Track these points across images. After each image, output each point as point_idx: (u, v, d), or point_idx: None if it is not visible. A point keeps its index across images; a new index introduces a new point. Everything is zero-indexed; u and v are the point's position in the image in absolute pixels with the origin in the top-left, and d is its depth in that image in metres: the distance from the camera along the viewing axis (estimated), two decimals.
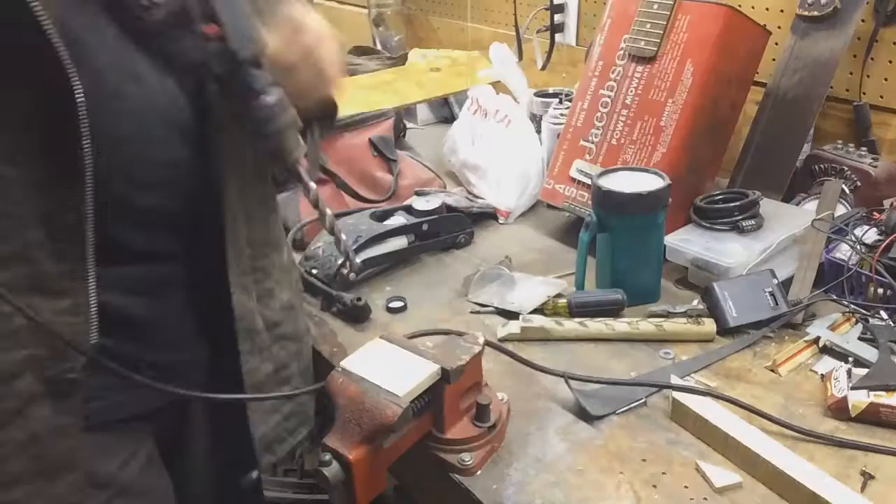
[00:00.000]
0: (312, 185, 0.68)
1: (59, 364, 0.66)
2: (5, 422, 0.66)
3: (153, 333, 0.74)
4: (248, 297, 0.80)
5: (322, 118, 0.76)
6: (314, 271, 1.09)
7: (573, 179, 1.23)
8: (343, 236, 0.70)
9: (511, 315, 1.03)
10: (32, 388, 0.66)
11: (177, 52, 0.55)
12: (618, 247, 1.03)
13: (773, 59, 1.28)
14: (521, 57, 1.73)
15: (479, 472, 0.76)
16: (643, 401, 0.85)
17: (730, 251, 1.05)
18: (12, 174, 0.61)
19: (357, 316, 1.03)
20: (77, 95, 0.58)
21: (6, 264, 0.63)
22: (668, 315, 0.99)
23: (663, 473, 0.75)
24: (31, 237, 0.63)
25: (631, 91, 1.19)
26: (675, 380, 0.86)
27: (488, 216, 1.33)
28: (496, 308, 1.05)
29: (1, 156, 0.60)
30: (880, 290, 0.97)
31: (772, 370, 0.90)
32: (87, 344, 0.66)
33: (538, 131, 1.42)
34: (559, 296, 1.05)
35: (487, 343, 0.78)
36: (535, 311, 1.02)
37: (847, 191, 1.17)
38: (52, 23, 0.55)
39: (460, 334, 0.79)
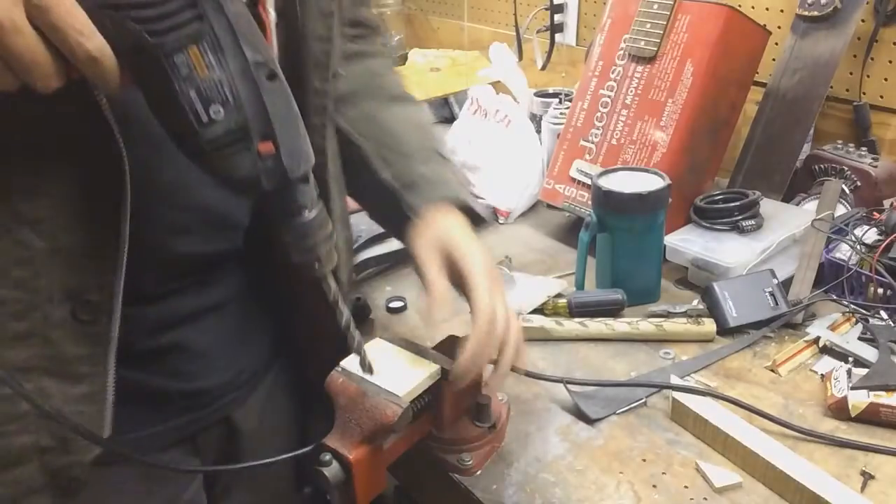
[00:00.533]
0: (345, 310, 0.67)
1: (67, 457, 0.60)
2: None
3: (182, 363, 0.70)
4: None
5: None
6: None
7: (573, 179, 1.23)
8: (369, 358, 0.70)
9: (517, 315, 1.02)
10: (34, 479, 0.60)
11: (228, 166, 0.53)
12: (618, 247, 1.03)
13: (773, 59, 1.28)
14: (521, 57, 1.74)
15: (479, 472, 0.76)
16: (643, 401, 0.85)
17: (730, 251, 1.05)
18: (39, 245, 0.55)
19: (357, 315, 1.03)
20: (125, 167, 0.55)
21: (22, 342, 0.57)
22: (668, 315, 0.99)
23: (663, 473, 0.75)
24: (51, 315, 0.57)
25: (631, 91, 1.19)
26: (674, 380, 0.86)
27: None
28: None
29: (30, 223, 0.55)
30: (880, 290, 0.97)
31: (772, 370, 0.90)
32: (98, 436, 0.60)
33: (538, 131, 1.42)
34: (559, 296, 1.05)
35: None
36: (535, 311, 1.02)
37: (847, 191, 1.17)
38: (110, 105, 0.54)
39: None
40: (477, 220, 0.81)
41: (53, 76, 0.46)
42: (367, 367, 0.69)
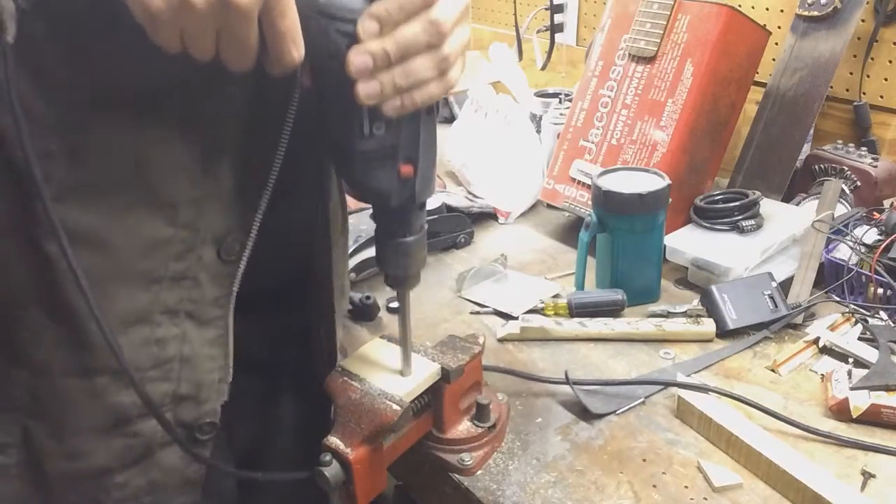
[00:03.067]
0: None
1: (198, 408, 0.64)
2: (131, 462, 0.62)
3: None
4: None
5: None
6: None
7: (573, 179, 1.23)
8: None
9: (507, 315, 1.03)
10: (168, 429, 0.61)
11: (369, 176, 0.57)
12: (618, 247, 1.03)
13: (773, 59, 1.28)
14: (521, 57, 1.74)
15: (479, 472, 0.76)
16: (642, 400, 0.85)
17: (730, 251, 1.05)
18: (207, 185, 0.58)
19: (366, 314, 1.04)
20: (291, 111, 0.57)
21: (177, 284, 0.59)
22: (667, 315, 0.99)
23: (663, 473, 0.75)
24: (204, 255, 0.60)
25: (631, 91, 1.19)
26: (681, 378, 0.86)
27: (488, 216, 1.33)
28: (493, 308, 1.05)
29: (202, 162, 0.57)
30: (880, 291, 0.97)
31: (772, 370, 0.90)
32: (224, 386, 0.64)
33: (538, 131, 1.42)
34: (558, 296, 1.05)
35: (491, 369, 0.79)
36: (534, 311, 1.02)
37: (847, 191, 1.17)
38: None
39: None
40: None
41: (249, 65, 0.49)
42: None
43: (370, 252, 1.11)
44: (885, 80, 1.22)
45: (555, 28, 1.70)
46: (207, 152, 0.57)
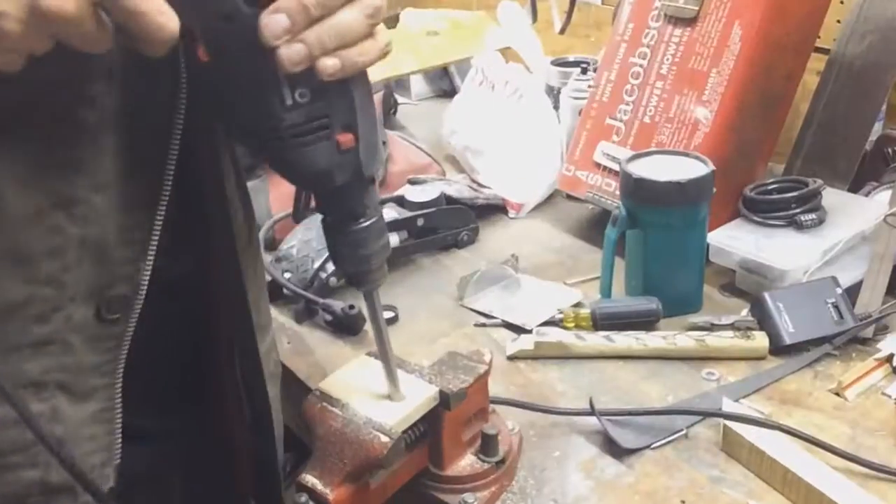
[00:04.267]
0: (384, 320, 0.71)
1: (77, 498, 0.61)
2: None
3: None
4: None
5: None
6: (287, 275, 1.09)
7: (598, 165, 1.23)
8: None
9: (519, 328, 1.03)
10: None
11: (305, 156, 0.57)
12: (651, 246, 1.04)
13: (838, 21, 1.28)
14: (535, 18, 1.73)
15: None
16: (684, 432, 0.85)
17: (786, 252, 1.06)
18: (72, 231, 0.57)
19: (349, 327, 1.04)
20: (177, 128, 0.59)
21: (41, 350, 0.58)
22: (711, 328, 0.99)
23: None
24: (74, 315, 0.58)
25: (667, 59, 1.19)
26: (727, 404, 0.86)
27: (496, 209, 1.33)
28: (502, 320, 1.05)
29: (65, 205, 0.56)
30: None
31: (836, 394, 0.90)
32: (109, 470, 0.63)
33: (556, 107, 1.42)
34: (580, 305, 1.06)
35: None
36: (550, 324, 1.02)
37: None
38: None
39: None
40: None
41: (106, 46, 0.49)
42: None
43: None
44: None
45: None
46: (67, 188, 0.56)
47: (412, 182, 1.28)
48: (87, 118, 0.55)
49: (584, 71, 1.44)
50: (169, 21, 0.48)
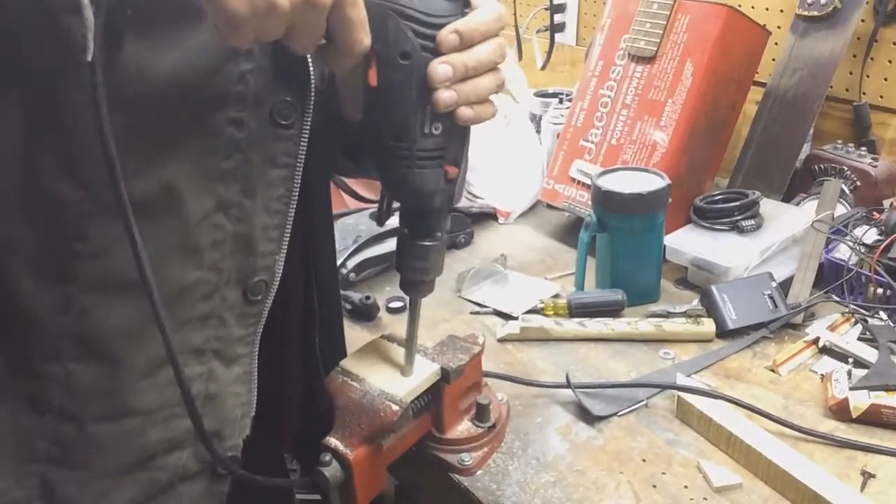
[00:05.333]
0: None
1: (221, 443, 0.64)
2: (154, 493, 0.62)
3: None
4: None
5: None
6: None
7: (573, 179, 1.23)
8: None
9: (507, 315, 1.03)
10: (189, 464, 0.63)
11: (420, 176, 0.58)
12: (618, 247, 1.03)
13: (773, 59, 1.28)
14: (521, 57, 1.73)
15: (479, 472, 0.76)
16: (644, 403, 0.85)
17: (730, 251, 1.05)
18: (229, 228, 0.59)
19: (366, 314, 1.04)
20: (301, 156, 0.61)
21: (203, 324, 0.61)
22: (667, 315, 0.99)
23: (663, 473, 0.75)
24: (228, 296, 0.61)
25: (631, 91, 1.19)
26: (681, 379, 0.86)
27: (488, 216, 1.33)
28: (493, 308, 1.05)
29: (224, 207, 0.59)
30: (880, 291, 0.97)
31: (772, 370, 0.90)
32: (247, 420, 0.65)
33: (538, 131, 1.42)
34: (558, 296, 1.05)
35: (492, 375, 0.78)
36: (533, 312, 1.02)
37: (847, 191, 1.17)
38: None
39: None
40: None
41: (311, 50, 0.51)
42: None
43: (370, 252, 1.11)
44: (885, 80, 1.22)
45: (555, 28, 1.69)
46: (226, 193, 0.59)
47: None
48: (236, 136, 0.57)
49: (562, 101, 1.44)
50: (366, 38, 0.50)
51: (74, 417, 0.57)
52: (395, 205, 0.65)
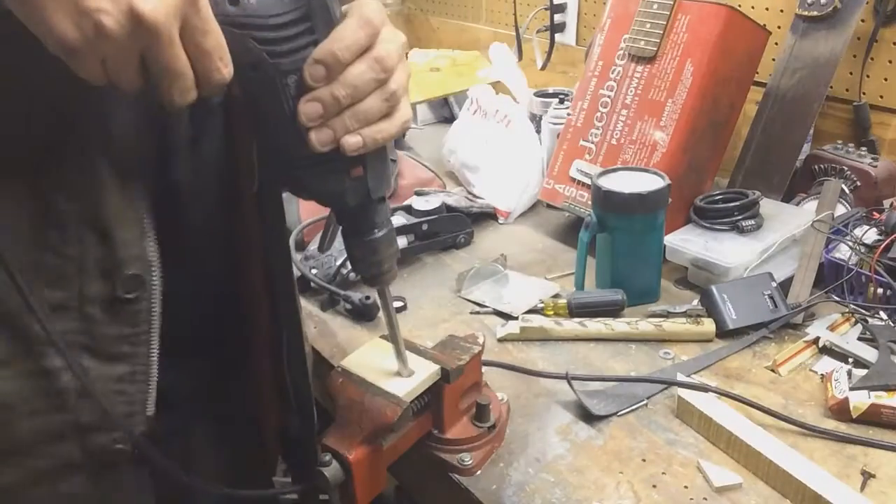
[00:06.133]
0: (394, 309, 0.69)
1: (106, 435, 0.61)
2: (36, 480, 0.60)
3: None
4: None
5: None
6: (314, 271, 1.09)
7: (573, 179, 1.23)
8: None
9: (507, 315, 1.03)
10: (72, 456, 0.60)
11: (318, 182, 0.56)
12: (618, 247, 1.03)
13: (773, 59, 1.28)
14: (521, 57, 1.74)
15: (478, 472, 0.76)
16: (644, 402, 0.85)
17: (730, 251, 1.05)
18: (67, 206, 0.55)
19: (366, 314, 1.04)
20: None
21: (57, 314, 0.56)
22: (667, 315, 0.98)
23: (663, 473, 0.75)
24: (87, 287, 0.57)
25: (631, 91, 1.19)
26: (681, 378, 0.86)
27: (488, 216, 1.33)
28: (493, 308, 1.05)
29: (59, 186, 0.54)
30: (880, 291, 0.97)
31: (772, 370, 0.90)
32: (141, 417, 0.62)
33: (538, 131, 1.42)
34: (558, 296, 1.05)
35: (491, 363, 0.78)
36: (534, 312, 1.02)
37: (847, 191, 1.17)
38: None
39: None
40: None
41: (191, 91, 0.47)
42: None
43: None
44: (885, 80, 1.22)
45: (555, 28, 1.70)
46: (52, 167, 0.54)
47: (418, 193, 1.28)
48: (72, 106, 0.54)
49: (562, 101, 1.44)
50: (227, 66, 0.47)
51: None
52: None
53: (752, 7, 1.35)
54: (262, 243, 0.66)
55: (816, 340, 0.93)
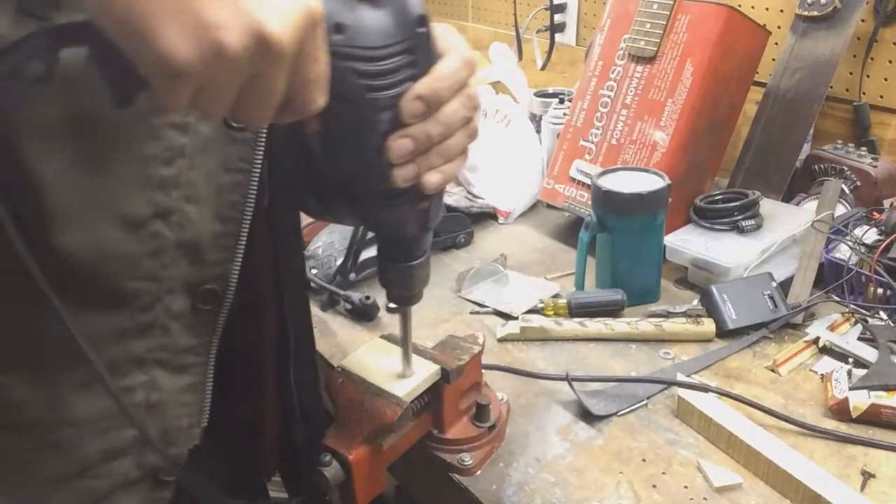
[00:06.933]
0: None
1: (166, 449, 0.61)
2: (93, 502, 0.59)
3: None
4: None
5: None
6: (314, 271, 1.09)
7: (573, 179, 1.23)
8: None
9: (507, 315, 1.03)
10: (129, 473, 0.60)
11: (387, 216, 0.55)
12: (618, 247, 1.03)
13: (773, 59, 1.27)
14: (521, 57, 1.73)
15: (478, 472, 0.76)
16: (645, 402, 0.85)
17: (729, 251, 1.05)
18: (169, 236, 0.55)
19: (366, 314, 1.04)
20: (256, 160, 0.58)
21: (144, 334, 0.57)
22: (667, 315, 0.98)
23: (663, 473, 0.75)
24: (172, 305, 0.58)
25: (631, 91, 1.19)
26: (681, 378, 0.86)
27: (488, 216, 1.33)
28: (493, 308, 1.05)
29: (163, 214, 0.55)
30: (880, 291, 0.97)
31: (772, 370, 0.90)
32: (197, 431, 0.63)
33: (538, 131, 1.42)
34: (558, 296, 1.05)
35: (493, 367, 0.78)
36: (534, 312, 1.02)
37: (847, 191, 1.17)
38: None
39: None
40: None
41: (272, 115, 0.43)
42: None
43: (370, 252, 1.11)
44: (885, 80, 1.22)
45: (555, 28, 1.69)
46: (161, 197, 0.55)
47: None
48: (178, 141, 0.54)
49: (562, 101, 1.44)
50: (321, 98, 0.43)
51: (6, 426, 0.55)
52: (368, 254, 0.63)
53: (752, 7, 1.36)
54: (273, 254, 0.67)
55: (816, 340, 0.93)
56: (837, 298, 1.00)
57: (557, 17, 1.69)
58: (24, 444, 0.56)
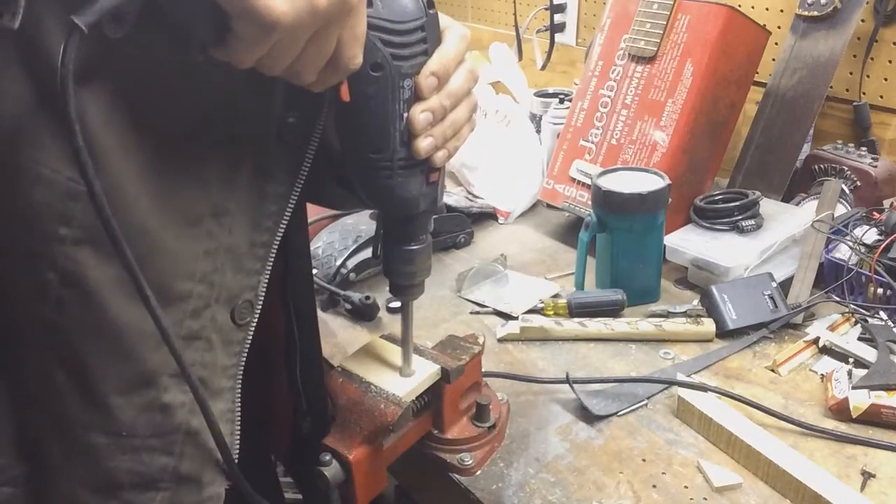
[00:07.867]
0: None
1: (199, 492, 0.57)
2: None
3: None
4: None
5: None
6: (314, 271, 1.09)
7: (573, 179, 1.23)
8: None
9: (507, 315, 1.03)
10: None
11: (402, 184, 0.58)
12: (617, 247, 1.03)
13: (773, 59, 1.28)
14: (521, 57, 1.73)
15: (478, 472, 0.76)
16: (645, 402, 0.85)
17: (729, 251, 1.05)
18: (221, 238, 0.54)
19: (366, 314, 1.04)
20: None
21: (190, 344, 0.53)
22: (667, 315, 0.99)
23: (663, 473, 0.75)
24: (217, 315, 0.55)
25: (631, 91, 1.19)
26: (681, 378, 0.86)
27: (488, 216, 1.33)
28: (493, 308, 1.05)
29: (217, 214, 0.53)
30: (880, 291, 0.97)
31: (772, 370, 0.90)
32: (232, 462, 0.58)
33: (538, 131, 1.42)
34: (558, 296, 1.05)
35: (494, 375, 0.78)
36: (534, 312, 1.02)
37: (847, 191, 1.17)
38: None
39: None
40: None
41: (313, 78, 0.48)
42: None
43: (370, 252, 1.11)
44: (885, 80, 1.22)
45: (555, 28, 1.69)
46: (220, 195, 0.54)
47: None
48: (234, 144, 0.53)
49: (562, 101, 1.44)
50: (360, 55, 0.49)
51: (49, 412, 0.52)
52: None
53: (752, 7, 1.36)
54: (282, 256, 0.65)
55: (816, 340, 0.93)
56: (837, 298, 1.00)
57: (557, 17, 1.69)
58: (64, 438, 0.53)
